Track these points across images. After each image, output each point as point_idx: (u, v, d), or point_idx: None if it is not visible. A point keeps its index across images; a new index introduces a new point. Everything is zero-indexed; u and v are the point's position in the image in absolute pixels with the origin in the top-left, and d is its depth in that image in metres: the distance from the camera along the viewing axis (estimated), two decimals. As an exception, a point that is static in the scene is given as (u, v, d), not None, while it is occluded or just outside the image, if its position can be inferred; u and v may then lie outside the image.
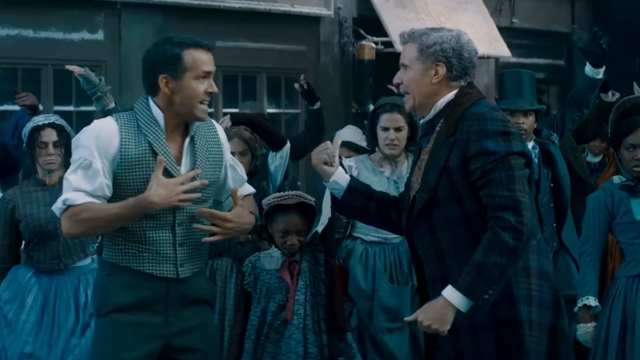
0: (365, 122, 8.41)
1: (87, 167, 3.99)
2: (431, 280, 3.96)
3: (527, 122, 6.14)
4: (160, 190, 3.95)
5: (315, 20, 12.21)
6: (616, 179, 5.48)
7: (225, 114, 7.84)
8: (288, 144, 6.28)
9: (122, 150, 4.01)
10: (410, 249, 4.11)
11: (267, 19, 11.65)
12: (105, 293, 4.13)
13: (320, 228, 5.48)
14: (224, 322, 5.77)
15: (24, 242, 5.86)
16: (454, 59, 3.94)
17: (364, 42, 12.14)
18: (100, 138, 4.01)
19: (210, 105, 7.75)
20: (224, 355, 5.57)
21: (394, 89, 4.47)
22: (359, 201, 4.21)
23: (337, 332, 5.18)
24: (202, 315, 4.25)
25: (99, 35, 10.43)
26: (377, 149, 6.09)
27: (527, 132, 6.15)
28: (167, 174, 4.04)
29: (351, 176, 4.24)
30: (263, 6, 11.61)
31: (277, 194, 5.36)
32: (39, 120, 5.81)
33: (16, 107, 10.19)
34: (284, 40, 11.93)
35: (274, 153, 6.28)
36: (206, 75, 4.06)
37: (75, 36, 10.35)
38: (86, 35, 10.24)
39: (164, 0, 10.86)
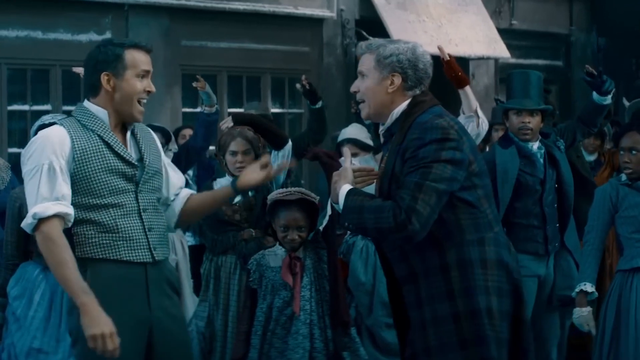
0: (366, 121, 8.52)
1: (47, 170, 4.10)
2: (401, 279, 4.10)
3: (533, 122, 6.21)
4: (94, 322, 3.99)
5: (318, 21, 12.29)
6: (623, 176, 5.61)
7: (229, 114, 7.93)
8: (290, 143, 6.31)
9: (76, 148, 4.15)
10: (378, 252, 4.26)
11: (271, 20, 11.74)
12: None
13: (322, 225, 5.56)
14: (227, 318, 5.86)
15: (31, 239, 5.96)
16: (409, 69, 4.05)
17: (366, 43, 12.22)
18: (54, 142, 4.14)
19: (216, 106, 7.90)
20: (229, 352, 5.68)
21: None
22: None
23: (341, 327, 5.26)
24: (176, 306, 4.39)
25: (107, 37, 10.49)
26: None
27: (533, 132, 6.23)
28: (121, 158, 4.20)
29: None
30: (267, 8, 11.71)
31: (280, 190, 5.46)
32: (46, 119, 5.84)
33: (25, 107, 10.40)
34: (288, 42, 12.01)
35: (276, 152, 6.29)
36: (145, 74, 4.26)
37: (83, 37, 10.46)
38: (94, 37, 10.33)
39: (170, 2, 10.96)
